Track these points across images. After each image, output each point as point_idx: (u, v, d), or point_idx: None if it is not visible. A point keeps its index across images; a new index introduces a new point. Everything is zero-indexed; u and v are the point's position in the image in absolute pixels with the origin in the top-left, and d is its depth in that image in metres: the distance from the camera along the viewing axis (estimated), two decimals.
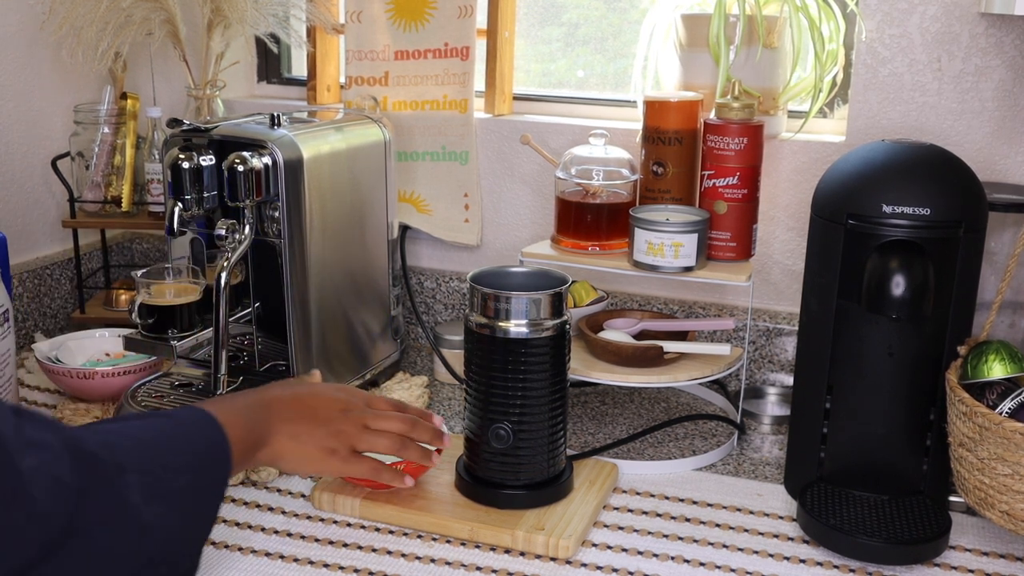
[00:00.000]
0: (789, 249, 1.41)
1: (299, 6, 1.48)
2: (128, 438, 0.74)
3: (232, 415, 0.87)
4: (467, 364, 1.07)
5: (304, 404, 0.98)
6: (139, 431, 0.76)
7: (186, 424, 0.82)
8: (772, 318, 1.42)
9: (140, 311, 1.20)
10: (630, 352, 1.22)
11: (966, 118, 1.29)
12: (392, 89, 1.52)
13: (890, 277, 0.99)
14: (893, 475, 1.07)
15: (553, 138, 1.48)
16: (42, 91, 1.57)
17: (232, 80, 1.63)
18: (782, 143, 1.38)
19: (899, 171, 1.01)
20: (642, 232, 1.20)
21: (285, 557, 0.99)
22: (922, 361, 1.04)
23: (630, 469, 1.19)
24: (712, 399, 1.40)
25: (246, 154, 1.15)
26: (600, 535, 1.04)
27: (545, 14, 1.59)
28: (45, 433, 0.65)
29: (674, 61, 1.37)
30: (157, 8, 1.41)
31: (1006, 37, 1.25)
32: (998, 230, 1.16)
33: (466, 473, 1.09)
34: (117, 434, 0.73)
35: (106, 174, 1.55)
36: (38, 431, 0.65)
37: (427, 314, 1.60)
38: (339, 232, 1.27)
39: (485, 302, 1.04)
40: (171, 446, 0.77)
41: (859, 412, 1.07)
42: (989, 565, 1.00)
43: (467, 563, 0.99)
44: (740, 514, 1.09)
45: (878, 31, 1.30)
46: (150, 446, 0.75)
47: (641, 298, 1.48)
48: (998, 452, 0.94)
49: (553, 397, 1.06)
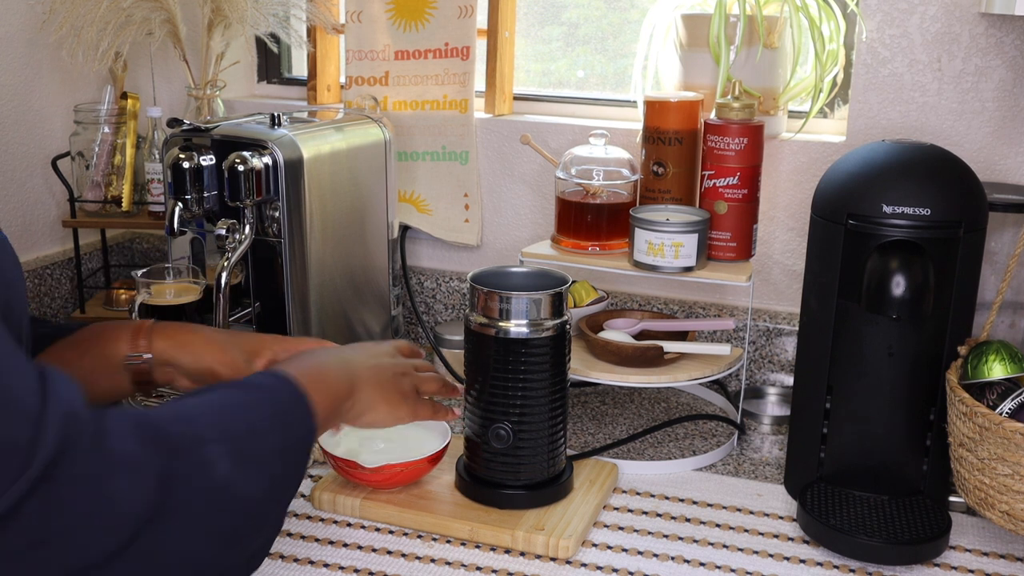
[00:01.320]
0: (789, 249, 1.42)
1: (299, 6, 1.48)
2: (205, 408, 0.73)
3: (307, 372, 0.86)
4: (467, 364, 1.07)
5: (371, 361, 0.98)
6: (216, 401, 0.75)
7: (264, 388, 0.81)
8: (772, 318, 1.42)
9: (140, 311, 1.19)
10: (630, 352, 1.22)
11: (966, 118, 1.29)
12: (392, 89, 1.52)
13: (890, 277, 0.99)
14: (893, 475, 1.07)
15: (553, 138, 1.48)
16: (42, 91, 1.57)
17: (232, 80, 1.63)
18: (782, 143, 1.38)
19: (899, 171, 1.01)
20: (642, 232, 1.20)
21: (285, 557, 0.99)
22: (922, 361, 1.04)
23: (630, 469, 1.19)
24: (712, 399, 1.40)
25: (246, 154, 1.15)
26: (600, 535, 1.04)
27: (545, 14, 1.59)
28: (116, 421, 0.65)
29: (674, 61, 1.37)
30: (157, 8, 1.41)
31: (1006, 37, 1.25)
32: (998, 230, 1.16)
33: (466, 473, 1.09)
34: (192, 407, 0.73)
35: (106, 174, 1.55)
36: (107, 420, 0.65)
37: (427, 314, 1.60)
38: (339, 232, 1.27)
39: (485, 302, 1.04)
40: (253, 411, 0.77)
41: (859, 412, 1.07)
42: (989, 565, 1.00)
43: (467, 563, 0.99)
44: (740, 514, 1.09)
45: (878, 31, 1.30)
46: (230, 413, 0.75)
47: (641, 298, 1.48)
48: (998, 452, 0.94)
49: (553, 397, 1.05)
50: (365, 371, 0.96)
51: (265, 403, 0.79)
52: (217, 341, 1.01)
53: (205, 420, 0.72)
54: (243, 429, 0.74)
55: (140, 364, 0.98)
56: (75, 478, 0.61)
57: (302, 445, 0.81)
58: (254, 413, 0.77)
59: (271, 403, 0.80)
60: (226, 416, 0.74)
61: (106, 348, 0.99)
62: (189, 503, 0.67)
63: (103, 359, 0.99)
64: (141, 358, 0.98)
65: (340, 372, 0.92)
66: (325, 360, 0.93)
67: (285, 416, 0.80)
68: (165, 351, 1.00)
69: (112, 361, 0.98)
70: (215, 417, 0.73)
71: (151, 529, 0.65)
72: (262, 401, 0.79)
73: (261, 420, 0.77)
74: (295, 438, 0.80)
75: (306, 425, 0.82)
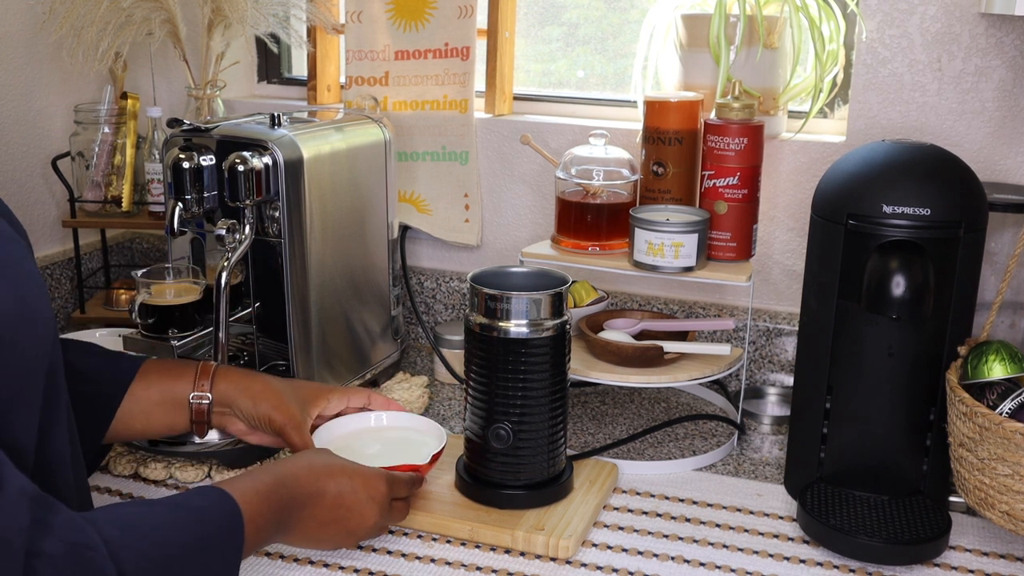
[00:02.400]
0: (789, 249, 1.42)
1: (299, 6, 1.48)
2: (137, 539, 0.71)
3: (254, 500, 0.83)
4: (467, 364, 1.07)
5: (332, 509, 0.93)
6: (151, 526, 0.73)
7: (197, 511, 0.79)
8: (772, 318, 1.42)
9: (140, 311, 1.19)
10: (630, 352, 1.22)
11: (966, 118, 1.29)
12: (392, 89, 1.52)
13: (890, 277, 0.99)
14: (893, 475, 1.07)
15: (553, 138, 1.48)
16: (42, 91, 1.57)
17: (232, 80, 1.63)
18: (782, 143, 1.38)
19: (899, 171, 1.01)
20: (642, 232, 1.20)
21: (285, 557, 0.99)
22: (922, 361, 1.04)
23: (630, 469, 1.19)
24: (712, 399, 1.40)
25: (246, 154, 1.15)
26: (600, 535, 1.04)
27: (545, 14, 1.59)
28: (56, 542, 0.64)
29: (674, 61, 1.37)
30: (157, 8, 1.41)
31: (1006, 37, 1.25)
32: (998, 230, 1.16)
33: (466, 473, 1.09)
34: (125, 539, 0.70)
35: (106, 174, 1.55)
36: (49, 535, 0.64)
37: (427, 314, 1.60)
38: (339, 232, 1.27)
39: (485, 302, 1.04)
40: (181, 539, 0.74)
41: (859, 412, 1.07)
42: (989, 565, 1.00)
43: (467, 563, 0.99)
44: (740, 514, 1.09)
45: (878, 31, 1.30)
46: (159, 545, 0.72)
47: (641, 298, 1.48)
48: (998, 452, 0.94)
49: (553, 397, 1.06)
50: (310, 520, 0.91)
51: (192, 525, 0.77)
52: (276, 389, 1.05)
53: (133, 554, 0.70)
54: (161, 555, 0.72)
55: (201, 405, 1.03)
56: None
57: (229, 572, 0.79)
58: (185, 541, 0.75)
59: (198, 526, 0.77)
60: (156, 548, 0.72)
61: (174, 385, 1.03)
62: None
63: (169, 396, 1.03)
64: (203, 399, 1.03)
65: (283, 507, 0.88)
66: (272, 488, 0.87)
67: (216, 546, 0.78)
68: (225, 393, 1.04)
69: (178, 399, 1.03)
70: (145, 548, 0.71)
71: None
72: (189, 523, 0.77)
73: (190, 550, 0.74)
74: (221, 565, 0.78)
75: (236, 555, 0.79)
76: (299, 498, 0.89)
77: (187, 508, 0.78)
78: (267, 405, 1.04)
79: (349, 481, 0.93)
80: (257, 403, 1.04)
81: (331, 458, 0.96)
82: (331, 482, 0.92)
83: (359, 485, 0.94)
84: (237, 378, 1.05)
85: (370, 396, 1.14)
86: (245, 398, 1.04)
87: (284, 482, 0.88)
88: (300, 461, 0.93)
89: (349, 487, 0.93)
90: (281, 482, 0.88)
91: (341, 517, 0.92)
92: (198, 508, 0.79)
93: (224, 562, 0.78)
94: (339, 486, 0.92)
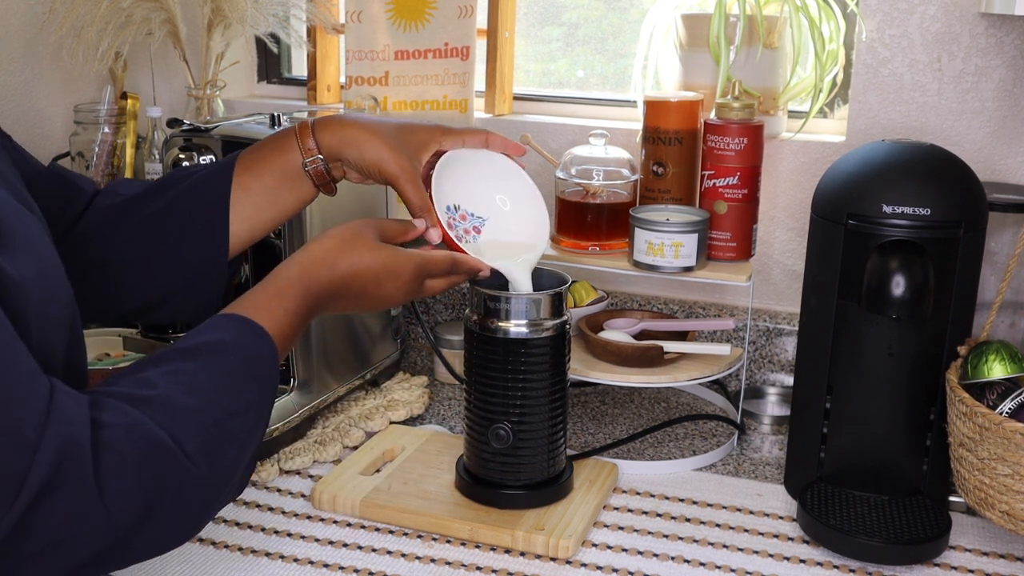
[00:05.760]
0: (789, 249, 1.42)
1: (299, 6, 1.48)
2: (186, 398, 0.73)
3: (282, 324, 0.83)
4: (467, 364, 1.07)
5: (354, 294, 0.91)
6: (200, 387, 0.75)
7: (234, 350, 0.79)
8: (772, 318, 1.42)
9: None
10: (630, 352, 1.22)
11: (966, 118, 1.29)
12: (392, 89, 1.52)
13: (890, 277, 0.99)
14: (893, 475, 1.07)
15: (553, 138, 1.48)
16: (42, 91, 1.57)
17: (232, 80, 1.63)
18: (782, 143, 1.38)
19: (899, 171, 1.01)
20: (642, 232, 1.20)
21: (285, 557, 0.99)
22: (922, 361, 1.04)
23: (630, 469, 1.19)
24: (712, 399, 1.40)
25: None
26: (600, 535, 1.04)
27: (545, 14, 1.59)
28: (110, 453, 0.67)
29: (674, 61, 1.37)
30: (157, 8, 1.41)
31: (1006, 37, 1.25)
32: (998, 230, 1.16)
33: (466, 473, 1.09)
34: (176, 398, 0.72)
35: (106, 174, 1.55)
36: (103, 453, 0.66)
37: (427, 314, 1.60)
38: None
39: (485, 302, 1.04)
40: (225, 392, 0.76)
41: (859, 412, 1.07)
42: (989, 565, 1.00)
43: (467, 563, 0.99)
44: (740, 514, 1.09)
45: (878, 31, 1.30)
46: (207, 397, 0.74)
47: (641, 298, 1.48)
48: (998, 452, 0.94)
49: (553, 397, 1.05)
50: (366, 302, 0.91)
51: (239, 372, 0.78)
52: (383, 137, 0.98)
53: (183, 420, 0.72)
54: (220, 416, 0.74)
55: (318, 168, 0.98)
56: (64, 511, 0.64)
57: (268, 407, 0.80)
58: (226, 395, 0.76)
59: (244, 367, 0.78)
60: (202, 405, 0.74)
61: (284, 162, 0.98)
62: (176, 502, 0.70)
63: (283, 174, 0.98)
64: (317, 160, 0.98)
65: (310, 314, 0.88)
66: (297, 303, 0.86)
67: (262, 387, 0.79)
68: (331, 147, 0.98)
69: (292, 172, 0.98)
70: (193, 412, 0.73)
71: (139, 531, 0.68)
72: (236, 372, 0.78)
73: (234, 402, 0.76)
74: (267, 405, 0.80)
75: (273, 387, 0.80)
76: (320, 296, 0.88)
77: (213, 352, 0.77)
78: (374, 155, 0.98)
79: (372, 260, 0.91)
80: (364, 154, 0.98)
81: (357, 239, 0.92)
82: (346, 264, 0.90)
83: (379, 267, 0.91)
84: (338, 128, 0.99)
85: (488, 136, 1.06)
86: (351, 149, 0.98)
87: (308, 289, 0.87)
88: (319, 254, 0.90)
89: (367, 266, 0.90)
90: (303, 292, 0.87)
91: (362, 293, 0.90)
92: (224, 347, 0.78)
93: (260, 392, 0.79)
94: (355, 266, 0.90)
